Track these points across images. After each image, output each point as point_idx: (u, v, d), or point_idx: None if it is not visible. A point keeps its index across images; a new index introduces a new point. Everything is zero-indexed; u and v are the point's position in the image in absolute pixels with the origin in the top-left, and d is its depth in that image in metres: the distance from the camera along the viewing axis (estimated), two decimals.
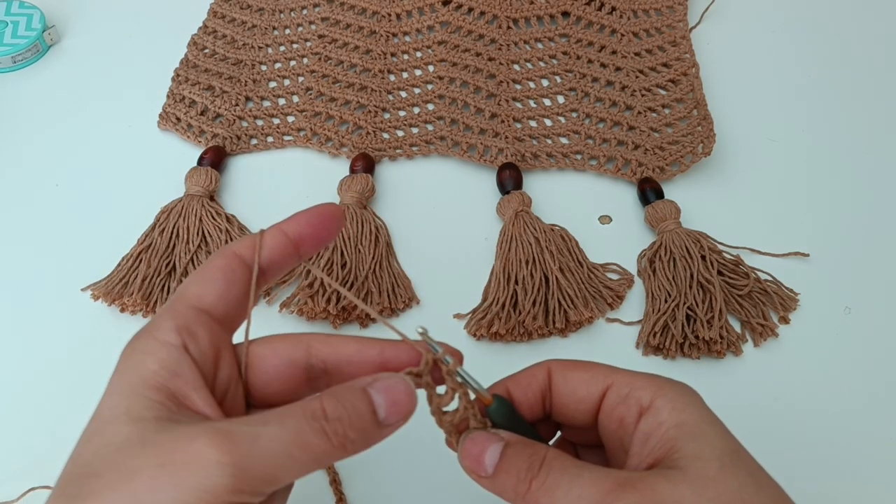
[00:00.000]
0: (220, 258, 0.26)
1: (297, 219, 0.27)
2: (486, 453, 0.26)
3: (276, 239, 0.27)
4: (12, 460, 0.40)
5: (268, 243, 0.27)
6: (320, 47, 0.59)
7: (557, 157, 0.53)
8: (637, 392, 0.26)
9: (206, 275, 0.26)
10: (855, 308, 0.46)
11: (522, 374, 0.29)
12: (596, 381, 0.27)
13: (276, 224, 0.27)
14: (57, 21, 0.62)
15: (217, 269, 0.26)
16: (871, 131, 0.56)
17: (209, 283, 0.26)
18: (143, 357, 0.24)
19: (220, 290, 0.26)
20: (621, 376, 0.27)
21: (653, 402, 0.26)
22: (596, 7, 0.62)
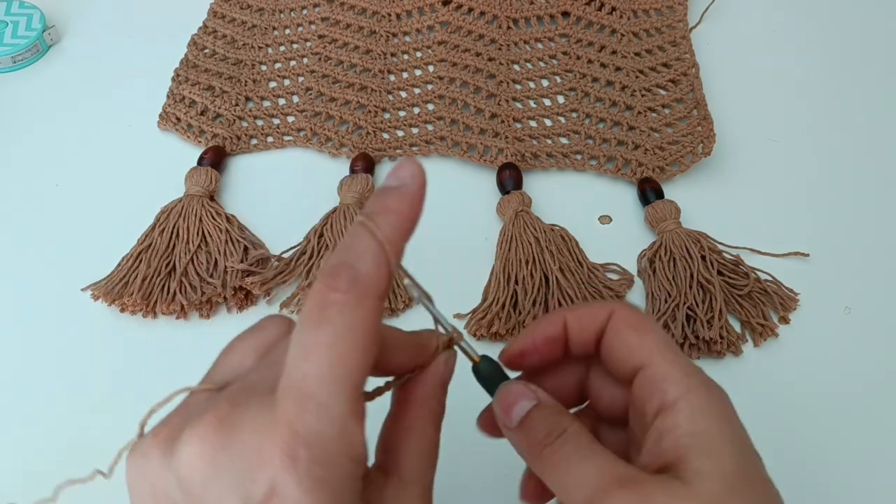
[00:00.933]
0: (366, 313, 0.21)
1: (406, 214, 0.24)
2: (516, 407, 0.26)
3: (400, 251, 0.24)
4: (12, 460, 0.40)
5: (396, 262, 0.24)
6: (320, 47, 0.59)
7: (557, 157, 0.53)
8: (665, 384, 0.25)
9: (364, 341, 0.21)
10: (855, 308, 0.46)
11: (585, 311, 0.28)
12: (637, 353, 0.26)
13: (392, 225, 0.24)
14: (57, 21, 0.62)
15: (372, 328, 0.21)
16: (871, 131, 0.56)
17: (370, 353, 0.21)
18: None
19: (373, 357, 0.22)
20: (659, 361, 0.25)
21: (676, 401, 0.24)
22: (596, 7, 0.62)
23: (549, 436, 0.25)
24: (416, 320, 0.46)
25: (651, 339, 0.26)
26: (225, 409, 0.21)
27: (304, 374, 0.20)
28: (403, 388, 0.27)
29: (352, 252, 0.22)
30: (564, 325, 0.28)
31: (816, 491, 0.39)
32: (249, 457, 0.20)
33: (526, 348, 0.28)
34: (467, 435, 0.41)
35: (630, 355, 0.26)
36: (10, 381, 0.43)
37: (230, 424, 0.21)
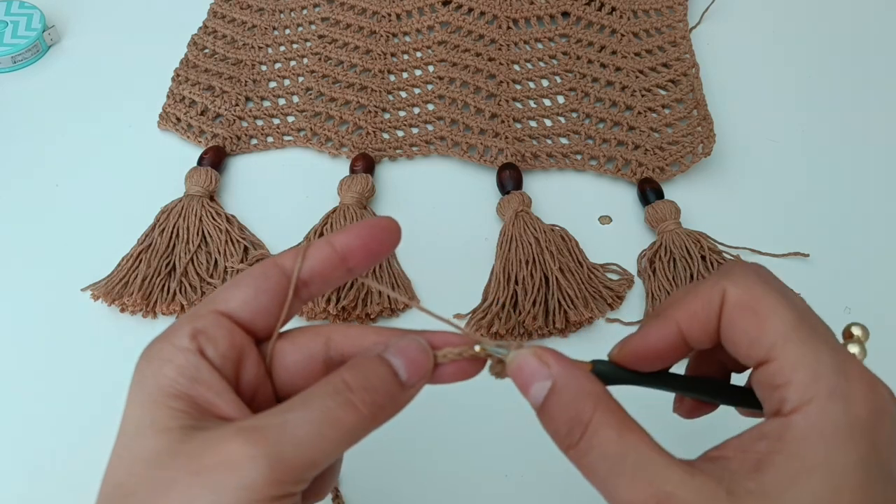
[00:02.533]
0: (257, 266, 0.26)
1: (347, 231, 0.26)
2: (533, 388, 0.24)
3: (322, 251, 0.26)
4: (12, 460, 0.40)
5: (312, 254, 0.26)
6: (320, 47, 0.59)
7: (557, 157, 0.53)
8: (788, 390, 0.21)
9: (237, 280, 0.25)
10: (855, 308, 0.46)
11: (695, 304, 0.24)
12: (760, 345, 0.22)
13: (326, 236, 0.26)
14: (57, 21, 0.62)
15: (249, 276, 0.25)
16: (871, 131, 0.56)
17: (237, 289, 0.25)
18: (160, 364, 0.23)
19: (246, 296, 0.25)
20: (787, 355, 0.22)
21: (794, 412, 0.21)
22: (596, 7, 0.62)
23: (571, 436, 0.23)
24: (417, 320, 0.46)
25: (773, 326, 0.22)
26: None
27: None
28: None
29: None
30: (678, 328, 0.25)
31: None
32: None
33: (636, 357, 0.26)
34: (468, 434, 0.41)
35: (751, 348, 0.23)
36: (10, 381, 0.43)
37: None
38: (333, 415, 0.22)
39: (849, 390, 0.21)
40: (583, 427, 0.23)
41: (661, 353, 0.25)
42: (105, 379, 0.43)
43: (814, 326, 0.23)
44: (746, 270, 0.24)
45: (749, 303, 0.23)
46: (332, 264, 0.26)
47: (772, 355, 0.22)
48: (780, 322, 0.22)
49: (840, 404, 0.21)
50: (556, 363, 0.24)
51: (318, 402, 0.22)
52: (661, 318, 0.25)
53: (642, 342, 0.25)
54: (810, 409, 0.21)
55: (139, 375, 0.23)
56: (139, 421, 0.22)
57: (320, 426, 0.22)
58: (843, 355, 0.22)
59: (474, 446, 0.40)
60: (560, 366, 0.24)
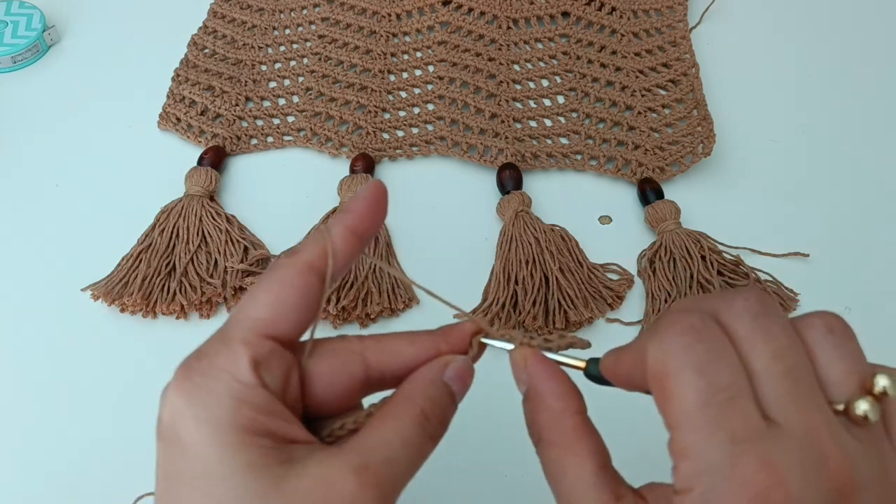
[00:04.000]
0: (294, 273, 0.24)
1: (359, 212, 0.25)
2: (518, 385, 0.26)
3: (347, 241, 0.25)
4: (12, 460, 0.40)
5: (339, 248, 0.25)
6: (320, 47, 0.59)
7: (557, 157, 0.53)
8: (679, 471, 0.20)
9: (281, 296, 0.24)
10: (855, 308, 0.46)
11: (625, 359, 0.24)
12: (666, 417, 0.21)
13: (339, 220, 0.25)
14: (57, 21, 0.62)
15: (294, 289, 0.24)
16: (871, 131, 0.56)
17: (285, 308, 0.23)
18: (231, 403, 0.22)
19: (296, 317, 0.24)
20: (681, 441, 0.20)
21: (681, 493, 0.20)
22: (596, 7, 0.62)
23: (532, 437, 0.25)
24: (416, 320, 0.46)
25: (673, 406, 0.20)
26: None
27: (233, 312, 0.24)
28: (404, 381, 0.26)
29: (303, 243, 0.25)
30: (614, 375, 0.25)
31: None
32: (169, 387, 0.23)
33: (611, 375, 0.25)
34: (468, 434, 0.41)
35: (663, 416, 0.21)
36: (10, 381, 0.43)
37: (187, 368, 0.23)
38: (423, 448, 0.24)
39: (722, 494, 0.19)
40: (537, 437, 0.25)
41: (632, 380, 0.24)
42: (105, 379, 0.43)
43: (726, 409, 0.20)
44: (675, 329, 0.21)
45: (658, 376, 0.21)
46: (355, 250, 0.25)
47: (672, 434, 0.21)
48: (683, 402, 0.20)
49: (724, 485, 0.19)
50: (533, 369, 0.25)
51: (412, 436, 0.23)
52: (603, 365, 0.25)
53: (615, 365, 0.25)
54: (691, 497, 0.20)
55: (202, 412, 0.22)
56: (229, 462, 0.21)
57: (415, 464, 0.23)
58: (741, 452, 0.19)
59: (474, 446, 0.40)
60: (534, 373, 0.25)
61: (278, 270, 0.24)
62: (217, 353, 0.23)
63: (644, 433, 0.26)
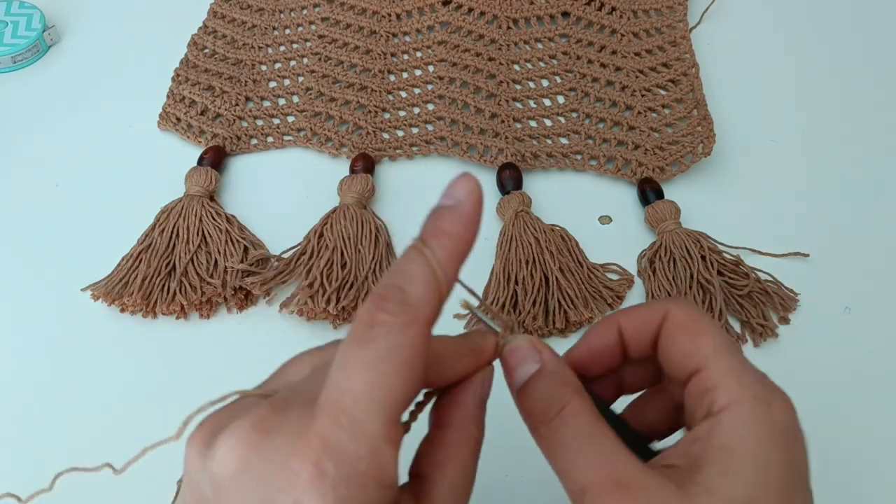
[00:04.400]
0: (419, 342, 0.21)
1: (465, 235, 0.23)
2: (519, 369, 0.26)
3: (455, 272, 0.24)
4: (12, 460, 0.40)
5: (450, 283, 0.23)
6: (320, 47, 0.59)
7: (557, 157, 0.53)
8: (717, 392, 0.23)
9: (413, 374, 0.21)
10: (855, 308, 0.46)
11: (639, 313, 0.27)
12: (692, 357, 0.24)
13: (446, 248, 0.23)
14: (57, 21, 0.62)
15: (422, 359, 0.21)
16: (871, 131, 0.56)
17: (417, 385, 0.22)
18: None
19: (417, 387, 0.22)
20: (716, 365, 0.24)
21: (722, 410, 0.23)
22: (596, 7, 0.62)
23: (546, 413, 0.24)
24: None
25: (706, 341, 0.24)
26: (265, 413, 0.21)
27: (342, 390, 0.20)
28: (440, 409, 0.25)
29: (404, 275, 0.22)
30: (619, 331, 0.27)
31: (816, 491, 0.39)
32: (279, 463, 0.20)
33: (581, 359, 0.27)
34: None
35: (685, 360, 0.25)
36: (10, 381, 0.43)
37: (267, 428, 0.21)
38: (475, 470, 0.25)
39: (771, 398, 0.23)
40: (560, 407, 0.24)
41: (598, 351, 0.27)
42: (105, 379, 0.43)
43: (740, 351, 0.25)
44: (689, 301, 0.27)
45: (687, 322, 0.25)
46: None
47: (703, 365, 0.24)
48: (712, 340, 0.25)
49: (764, 408, 0.23)
50: (548, 353, 0.26)
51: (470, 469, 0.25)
52: (605, 320, 0.28)
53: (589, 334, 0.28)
54: (738, 408, 0.23)
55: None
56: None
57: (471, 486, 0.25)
58: (763, 375, 0.24)
59: None
60: (551, 355, 0.26)
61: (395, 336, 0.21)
62: (358, 456, 0.20)
63: None
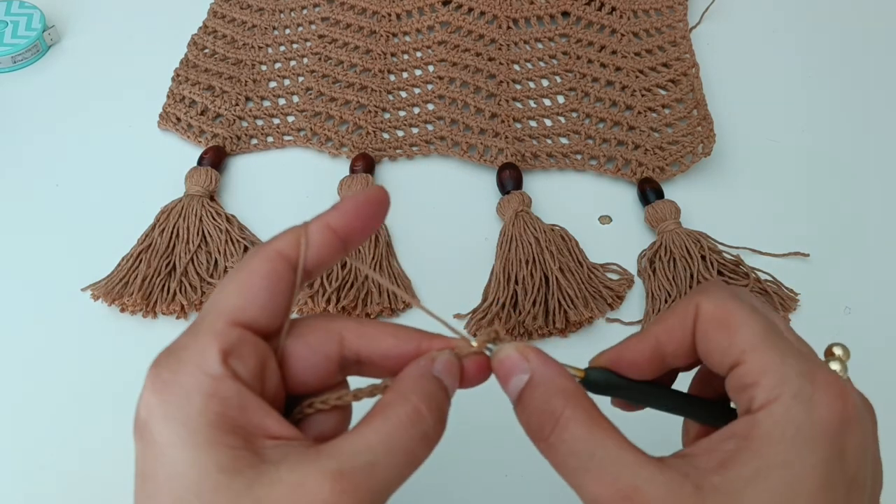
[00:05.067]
0: (262, 261, 0.23)
1: (345, 210, 0.25)
2: (512, 380, 0.25)
3: (324, 236, 0.24)
4: (12, 460, 0.40)
5: (314, 240, 0.24)
6: (320, 47, 0.59)
7: (557, 157, 0.53)
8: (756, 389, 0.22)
9: (248, 283, 0.23)
10: (855, 308, 0.46)
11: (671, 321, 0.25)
12: (730, 351, 0.23)
13: (321, 216, 0.25)
14: (57, 21, 0.62)
15: (261, 277, 0.23)
16: (872, 131, 0.56)
17: (252, 294, 0.23)
18: (201, 399, 0.21)
19: (264, 302, 0.23)
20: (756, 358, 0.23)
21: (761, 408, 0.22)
22: (596, 7, 0.62)
23: (542, 430, 0.24)
24: (417, 320, 0.46)
25: (742, 335, 0.24)
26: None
27: (210, 299, 0.24)
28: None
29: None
30: (657, 342, 0.26)
31: None
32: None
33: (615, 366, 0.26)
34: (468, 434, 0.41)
35: (722, 356, 0.24)
36: (10, 380, 0.43)
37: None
38: (414, 453, 0.22)
39: (813, 394, 0.22)
40: (554, 421, 0.23)
41: (641, 366, 0.26)
42: (105, 379, 0.43)
43: (782, 336, 0.24)
44: (719, 286, 0.25)
45: (721, 315, 0.24)
46: (333, 249, 0.25)
47: (742, 359, 0.23)
48: (750, 332, 0.23)
49: (803, 406, 0.22)
50: (536, 358, 0.25)
51: (401, 441, 0.22)
52: (641, 334, 0.26)
53: (621, 352, 0.26)
54: (775, 408, 0.22)
55: (172, 410, 0.21)
56: (199, 464, 0.20)
57: (403, 467, 0.22)
58: (811, 363, 0.23)
59: (474, 446, 0.40)
60: (538, 361, 0.25)
61: (247, 260, 0.24)
62: (185, 347, 0.22)
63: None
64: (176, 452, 0.21)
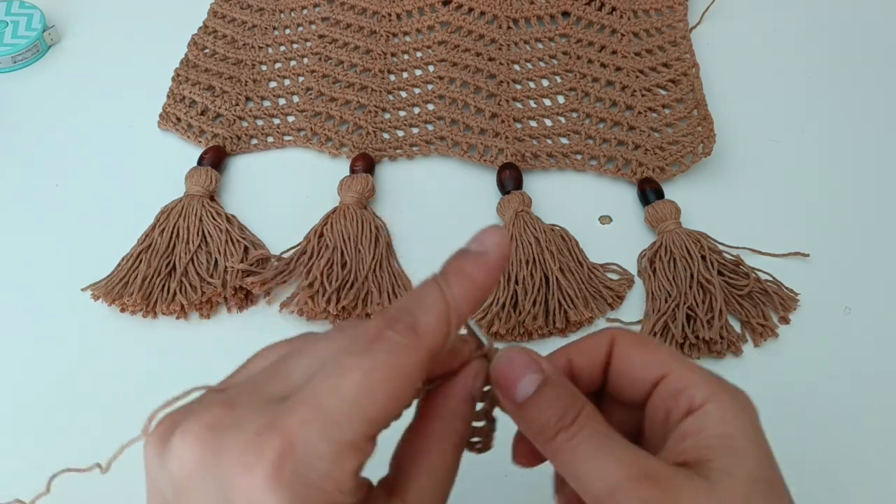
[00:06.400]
0: (415, 365, 0.21)
1: (485, 281, 0.24)
2: (521, 382, 0.24)
3: (468, 314, 0.23)
4: (12, 460, 0.40)
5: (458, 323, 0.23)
6: (320, 47, 0.59)
7: (558, 157, 0.53)
8: (691, 390, 0.25)
9: (401, 392, 0.21)
10: (855, 308, 0.46)
11: (586, 343, 0.27)
12: (654, 366, 0.26)
13: (465, 289, 0.24)
14: (57, 21, 0.62)
15: (412, 384, 0.21)
16: (872, 131, 0.56)
17: (400, 406, 0.22)
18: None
19: (399, 409, 0.22)
20: (680, 368, 0.25)
21: (704, 403, 0.24)
22: (596, 7, 0.62)
23: (563, 419, 0.24)
24: None
25: (663, 351, 0.26)
26: (218, 409, 0.21)
27: (329, 388, 0.20)
28: (427, 401, 0.25)
29: (419, 303, 0.23)
30: (570, 364, 0.27)
31: (817, 491, 0.39)
32: (234, 461, 0.20)
33: None
34: None
35: (645, 371, 0.26)
36: (11, 380, 0.43)
37: (220, 426, 0.20)
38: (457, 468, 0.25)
39: (736, 392, 0.25)
40: (576, 412, 0.24)
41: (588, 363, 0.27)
42: (105, 379, 0.43)
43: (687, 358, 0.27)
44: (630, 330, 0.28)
45: (638, 339, 0.27)
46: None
47: (667, 371, 0.25)
48: (667, 352, 0.26)
49: (738, 399, 0.25)
50: (546, 362, 0.26)
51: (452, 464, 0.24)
52: (558, 351, 0.28)
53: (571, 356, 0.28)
54: (719, 399, 0.24)
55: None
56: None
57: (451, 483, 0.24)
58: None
59: None
60: (550, 365, 0.26)
61: (397, 355, 0.21)
62: (322, 457, 0.20)
63: None
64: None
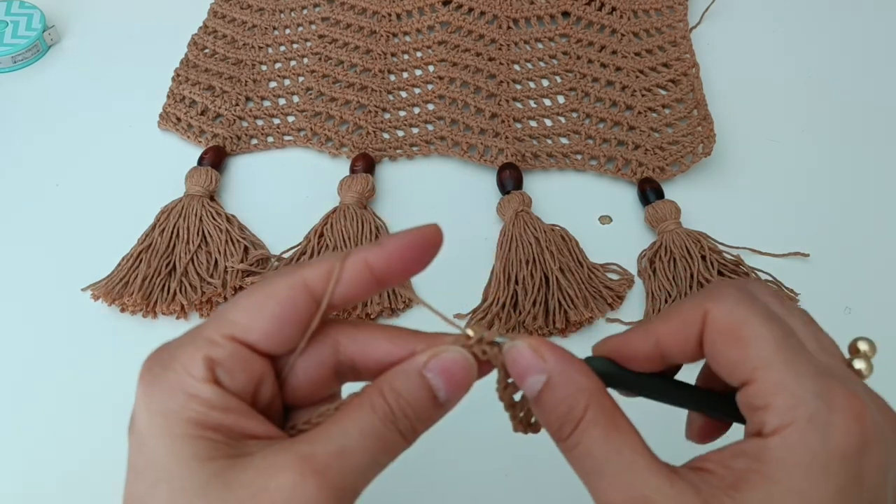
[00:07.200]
0: (284, 287, 0.23)
1: (388, 250, 0.24)
2: (528, 380, 0.24)
3: (359, 272, 0.23)
4: (12, 460, 0.40)
5: (347, 276, 0.23)
6: (320, 47, 0.59)
7: (558, 157, 0.53)
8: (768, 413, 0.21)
9: (261, 305, 0.23)
10: (855, 308, 0.46)
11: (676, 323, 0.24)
12: (741, 369, 0.22)
13: (362, 251, 0.24)
14: (57, 21, 0.62)
15: (276, 303, 0.23)
16: (871, 131, 0.56)
17: (261, 318, 0.23)
18: (184, 398, 0.21)
19: (271, 329, 0.23)
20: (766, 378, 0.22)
21: (772, 435, 0.21)
22: (596, 7, 0.62)
23: (562, 430, 0.23)
24: (417, 320, 0.46)
25: (754, 350, 0.22)
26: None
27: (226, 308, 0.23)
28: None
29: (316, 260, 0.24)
30: (657, 342, 0.25)
31: None
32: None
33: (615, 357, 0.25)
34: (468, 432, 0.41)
35: (732, 371, 0.23)
36: (11, 380, 0.43)
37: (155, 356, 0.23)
38: (386, 441, 0.22)
39: (829, 418, 0.21)
40: (574, 423, 0.23)
41: (639, 361, 0.25)
42: (105, 379, 0.43)
43: (799, 348, 0.22)
44: (731, 290, 0.24)
45: (731, 327, 0.23)
46: (365, 287, 0.24)
47: (754, 377, 0.22)
48: (763, 346, 0.22)
49: (819, 432, 0.21)
50: (552, 356, 0.24)
51: (371, 428, 0.22)
52: (643, 329, 0.25)
53: (621, 345, 0.25)
54: (788, 435, 0.21)
55: (155, 404, 0.22)
56: (176, 452, 0.21)
57: (376, 454, 0.22)
58: (827, 382, 0.22)
59: (474, 444, 0.40)
60: (555, 360, 0.24)
61: (271, 280, 0.23)
62: (179, 347, 0.22)
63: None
64: (154, 442, 0.21)
